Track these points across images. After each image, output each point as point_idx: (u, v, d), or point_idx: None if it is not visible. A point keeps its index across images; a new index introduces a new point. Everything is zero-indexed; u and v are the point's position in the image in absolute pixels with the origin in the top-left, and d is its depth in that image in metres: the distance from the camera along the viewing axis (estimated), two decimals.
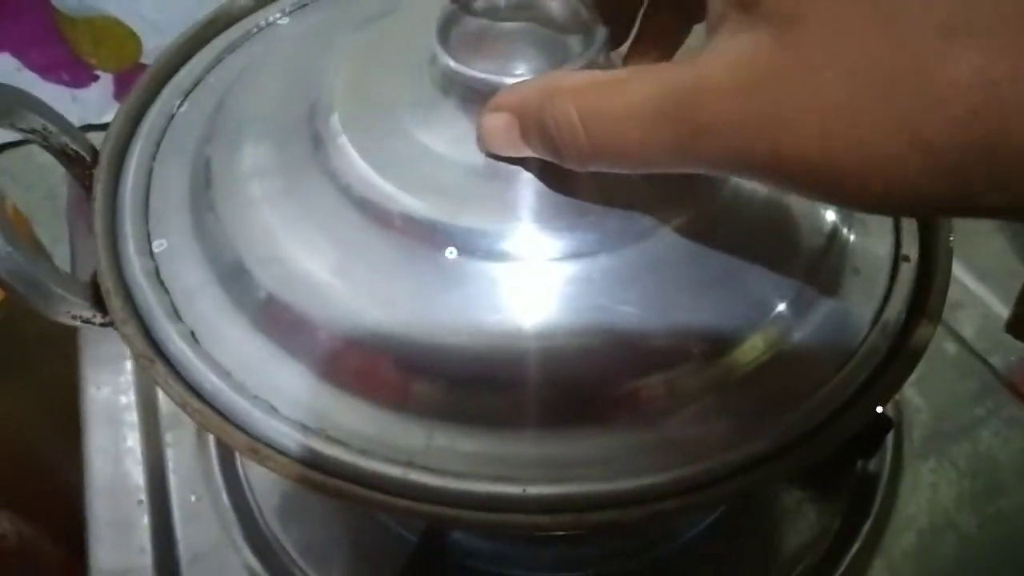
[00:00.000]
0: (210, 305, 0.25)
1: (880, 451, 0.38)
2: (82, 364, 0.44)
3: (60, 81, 0.57)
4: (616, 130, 0.20)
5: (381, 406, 0.23)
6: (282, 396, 0.23)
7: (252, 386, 0.23)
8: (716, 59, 0.18)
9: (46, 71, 0.56)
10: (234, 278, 0.25)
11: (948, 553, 0.36)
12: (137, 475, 0.39)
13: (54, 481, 0.48)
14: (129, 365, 0.43)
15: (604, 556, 0.36)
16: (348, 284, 0.24)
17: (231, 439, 0.22)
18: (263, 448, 0.22)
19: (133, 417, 0.42)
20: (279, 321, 0.24)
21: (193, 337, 0.24)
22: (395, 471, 0.22)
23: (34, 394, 0.51)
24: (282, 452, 0.22)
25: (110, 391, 0.43)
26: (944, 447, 0.40)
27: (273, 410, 0.23)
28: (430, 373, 0.23)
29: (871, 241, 0.28)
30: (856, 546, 0.36)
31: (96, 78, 0.58)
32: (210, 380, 0.23)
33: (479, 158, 0.25)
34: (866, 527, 0.36)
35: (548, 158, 0.22)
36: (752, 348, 0.24)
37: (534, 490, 0.21)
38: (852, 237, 0.27)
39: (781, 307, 0.25)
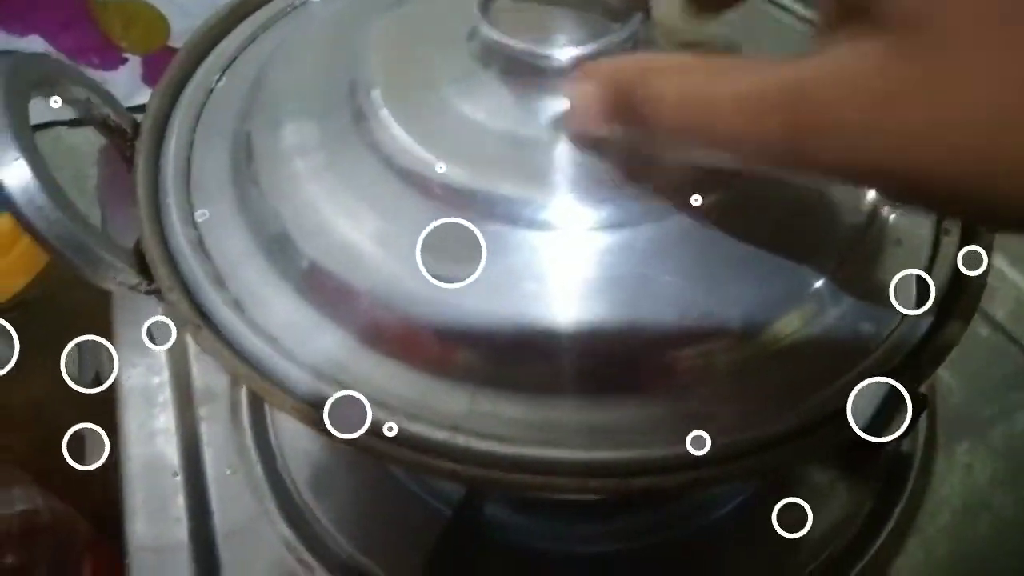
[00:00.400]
0: (254, 273, 0.25)
1: (913, 432, 0.38)
2: (115, 344, 0.44)
3: (90, 64, 0.57)
4: (717, 116, 0.19)
5: (424, 372, 0.23)
6: (327, 361, 0.23)
7: (298, 352, 0.23)
8: (832, 63, 0.17)
9: (76, 54, 0.57)
10: (278, 248, 0.25)
11: (983, 533, 0.36)
12: (171, 450, 0.40)
13: (91, 460, 0.49)
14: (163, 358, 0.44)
15: (635, 531, 0.36)
16: (390, 252, 0.24)
17: (280, 402, 0.22)
18: (312, 411, 0.22)
19: (167, 395, 0.42)
20: (323, 289, 0.24)
21: (238, 304, 0.24)
22: (441, 435, 0.22)
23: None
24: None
25: (144, 370, 0.43)
26: (978, 429, 0.39)
27: (319, 375, 0.23)
28: (471, 341, 0.23)
29: (911, 215, 0.28)
30: (889, 526, 0.36)
31: (125, 61, 0.58)
32: (256, 345, 0.23)
33: (520, 128, 0.25)
34: (899, 507, 0.36)
35: (631, 135, 0.22)
36: (790, 323, 0.24)
37: (579, 455, 0.22)
38: (893, 212, 0.27)
39: (820, 283, 0.25)
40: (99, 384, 0.44)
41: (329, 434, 0.22)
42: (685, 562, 0.37)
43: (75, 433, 0.48)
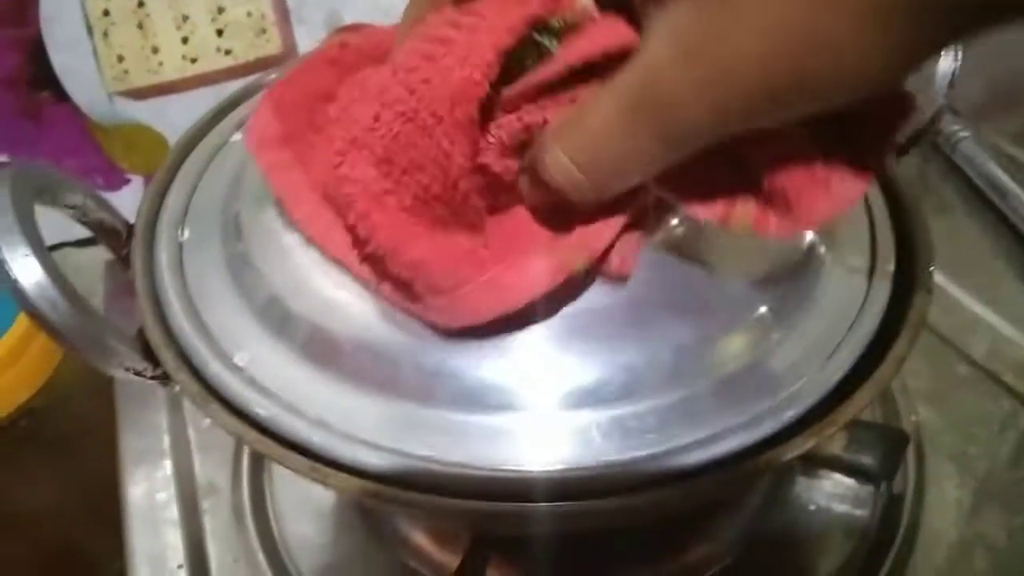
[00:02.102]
0: (256, 342, 0.26)
1: (904, 471, 0.39)
2: (120, 446, 0.45)
3: (95, 186, 0.60)
4: (603, 151, 0.21)
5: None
6: (336, 415, 0.24)
7: (306, 409, 0.24)
8: (655, 39, 0.19)
9: (81, 177, 0.60)
10: (275, 315, 0.26)
11: (979, 566, 0.37)
12: (176, 543, 0.40)
13: (97, 568, 0.49)
14: (168, 464, 0.45)
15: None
16: (372, 305, 0.25)
17: (292, 464, 0.23)
18: (323, 468, 0.23)
19: (171, 492, 0.43)
20: (323, 347, 0.25)
21: (244, 372, 0.25)
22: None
23: (75, 483, 0.52)
24: (346, 469, 0.23)
25: (148, 469, 0.44)
26: (966, 464, 0.40)
27: (329, 429, 0.24)
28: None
29: (845, 254, 0.29)
30: (887, 566, 0.36)
31: (128, 181, 0.60)
32: (265, 408, 0.24)
33: None
34: (895, 545, 0.37)
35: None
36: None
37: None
38: (829, 254, 0.28)
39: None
40: None
41: (346, 488, 0.23)
42: None
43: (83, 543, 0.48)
